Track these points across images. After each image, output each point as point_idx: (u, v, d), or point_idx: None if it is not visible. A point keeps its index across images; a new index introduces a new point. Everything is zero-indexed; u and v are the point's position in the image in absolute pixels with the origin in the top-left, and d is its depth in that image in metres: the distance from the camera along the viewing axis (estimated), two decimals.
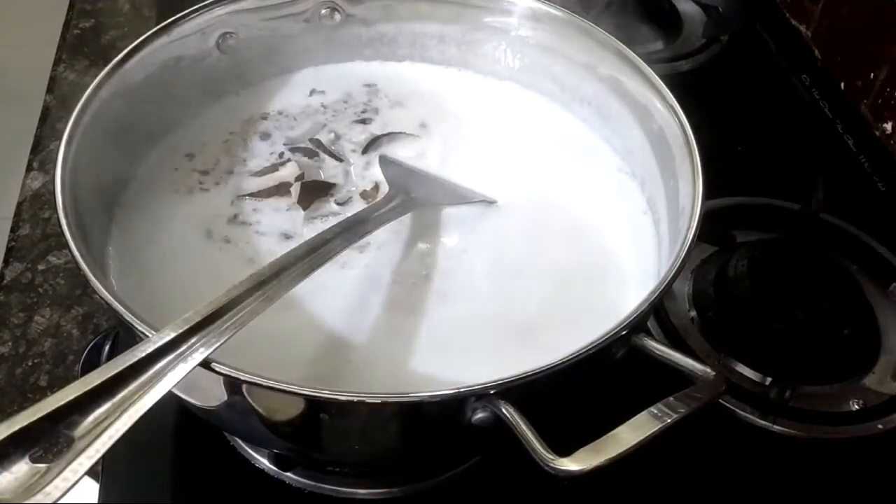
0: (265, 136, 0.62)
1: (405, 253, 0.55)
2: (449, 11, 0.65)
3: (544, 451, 0.37)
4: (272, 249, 0.54)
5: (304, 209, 0.57)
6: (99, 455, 0.33)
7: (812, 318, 0.62)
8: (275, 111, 0.64)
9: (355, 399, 0.39)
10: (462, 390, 0.39)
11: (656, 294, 0.44)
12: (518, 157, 0.63)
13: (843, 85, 0.85)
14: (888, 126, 0.79)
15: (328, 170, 0.60)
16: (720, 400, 0.57)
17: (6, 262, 0.72)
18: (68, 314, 0.71)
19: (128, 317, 0.40)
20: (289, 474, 0.55)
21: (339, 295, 0.52)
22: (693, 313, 0.65)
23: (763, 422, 0.59)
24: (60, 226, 0.44)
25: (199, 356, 0.37)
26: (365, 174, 0.60)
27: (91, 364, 0.61)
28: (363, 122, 0.64)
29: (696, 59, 0.89)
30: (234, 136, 0.62)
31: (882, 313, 0.66)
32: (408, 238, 0.56)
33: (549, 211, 0.59)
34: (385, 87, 0.66)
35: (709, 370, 0.42)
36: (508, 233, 0.57)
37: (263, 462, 0.55)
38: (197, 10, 0.58)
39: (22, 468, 0.32)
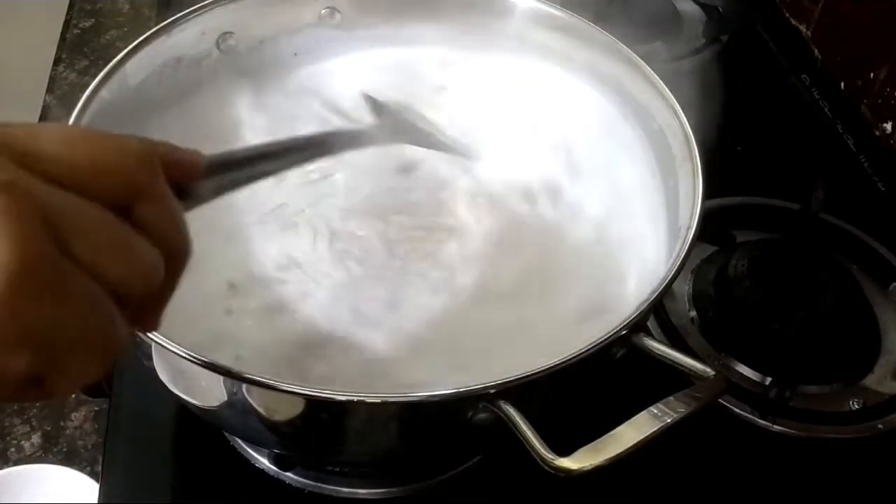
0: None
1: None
2: (449, 12, 0.65)
3: (544, 451, 0.37)
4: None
5: None
6: None
7: (812, 318, 0.62)
8: (276, 110, 0.64)
9: (355, 399, 0.39)
10: (462, 390, 0.39)
11: (656, 294, 0.44)
12: (514, 156, 0.62)
13: (843, 85, 0.85)
14: (888, 126, 0.79)
15: None
16: (720, 400, 0.57)
17: None
18: None
19: None
20: (289, 474, 0.55)
21: None
22: (693, 313, 0.65)
23: (763, 422, 0.59)
24: None
25: None
26: None
27: None
28: None
29: (696, 59, 0.89)
30: (236, 136, 0.61)
31: (882, 313, 0.66)
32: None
33: (548, 211, 0.59)
34: (380, 90, 0.66)
35: (709, 370, 0.42)
36: (506, 234, 0.57)
37: (263, 462, 0.55)
38: (197, 10, 0.58)
39: None
